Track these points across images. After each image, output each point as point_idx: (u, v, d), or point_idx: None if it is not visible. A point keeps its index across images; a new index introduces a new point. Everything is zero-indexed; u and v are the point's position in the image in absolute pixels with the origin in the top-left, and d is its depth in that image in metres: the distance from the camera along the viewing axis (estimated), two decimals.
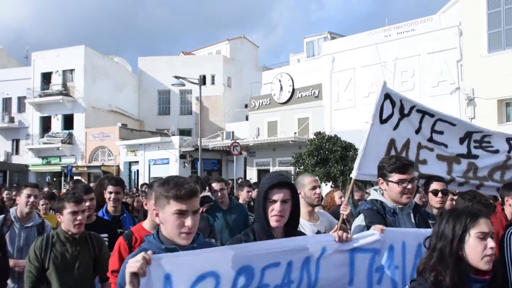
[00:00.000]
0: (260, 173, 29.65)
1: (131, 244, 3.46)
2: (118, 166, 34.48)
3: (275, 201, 2.72)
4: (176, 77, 23.56)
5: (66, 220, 3.78)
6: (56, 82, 38.09)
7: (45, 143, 37.45)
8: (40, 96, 38.16)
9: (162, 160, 32.04)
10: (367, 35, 25.28)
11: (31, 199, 5.02)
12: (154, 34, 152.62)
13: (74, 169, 34.67)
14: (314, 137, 19.92)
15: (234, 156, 24.13)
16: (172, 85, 26.01)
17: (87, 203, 4.26)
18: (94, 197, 4.73)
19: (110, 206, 4.98)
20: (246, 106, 36.05)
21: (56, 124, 38.28)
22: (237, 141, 26.37)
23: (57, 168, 36.77)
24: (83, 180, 35.19)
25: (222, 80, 39.33)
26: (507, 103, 20.47)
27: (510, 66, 19.43)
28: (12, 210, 5.13)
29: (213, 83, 39.08)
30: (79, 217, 3.78)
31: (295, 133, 27.04)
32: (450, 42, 21.94)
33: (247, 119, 33.60)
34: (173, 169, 30.94)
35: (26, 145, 38.45)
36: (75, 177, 35.14)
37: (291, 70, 29.88)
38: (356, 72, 25.33)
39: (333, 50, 26.81)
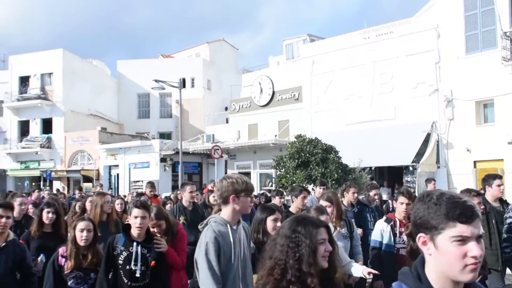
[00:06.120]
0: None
1: None
2: (98, 170, 34.13)
3: None
4: (156, 81, 23.39)
5: None
6: (34, 86, 37.64)
7: (23, 148, 36.94)
8: (18, 100, 37.66)
9: (142, 164, 31.78)
10: (346, 38, 25.36)
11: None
12: (138, 36, 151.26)
13: (53, 173, 34.30)
14: (295, 139, 19.87)
15: (215, 159, 24.05)
16: (152, 88, 25.89)
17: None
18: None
19: None
20: (226, 108, 35.96)
21: (35, 128, 37.79)
22: (217, 144, 26.28)
23: (36, 173, 36.34)
24: (62, 184, 34.84)
25: (202, 83, 39.22)
26: (484, 104, 20.67)
27: (487, 68, 19.67)
28: None
29: (193, 86, 38.93)
30: None
31: (275, 135, 27.01)
32: (428, 44, 22.08)
33: (227, 122, 33.48)
34: (154, 172, 30.74)
35: (4, 150, 37.86)
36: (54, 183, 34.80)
37: (271, 72, 29.79)
38: (336, 74, 25.39)
39: (312, 52, 26.84)
